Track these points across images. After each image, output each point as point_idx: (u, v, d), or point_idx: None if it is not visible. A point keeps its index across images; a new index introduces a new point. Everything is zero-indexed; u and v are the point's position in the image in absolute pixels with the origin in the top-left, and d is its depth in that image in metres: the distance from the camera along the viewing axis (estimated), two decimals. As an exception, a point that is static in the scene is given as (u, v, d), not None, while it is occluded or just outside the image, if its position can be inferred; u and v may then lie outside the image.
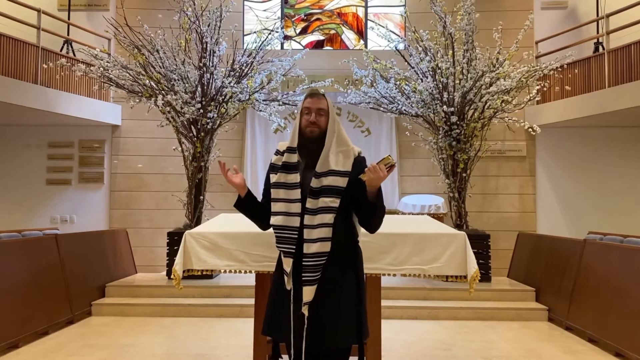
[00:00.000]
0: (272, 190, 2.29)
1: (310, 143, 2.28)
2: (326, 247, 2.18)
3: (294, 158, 2.27)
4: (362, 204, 2.25)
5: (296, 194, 2.23)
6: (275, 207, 2.27)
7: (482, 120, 6.38)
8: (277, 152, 2.37)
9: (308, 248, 2.18)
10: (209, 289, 5.79)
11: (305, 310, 2.17)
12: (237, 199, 2.40)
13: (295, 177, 2.24)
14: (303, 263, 2.18)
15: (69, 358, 4.06)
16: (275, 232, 2.27)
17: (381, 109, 6.90)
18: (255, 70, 6.51)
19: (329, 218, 2.19)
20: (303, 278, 2.18)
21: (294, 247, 2.20)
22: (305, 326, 2.15)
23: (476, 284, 2.79)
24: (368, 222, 2.32)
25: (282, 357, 2.66)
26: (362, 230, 2.44)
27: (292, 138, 2.32)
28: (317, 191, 2.21)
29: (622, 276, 4.33)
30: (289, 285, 2.22)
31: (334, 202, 2.20)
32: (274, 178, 2.30)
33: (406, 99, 6.59)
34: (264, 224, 2.41)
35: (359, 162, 2.31)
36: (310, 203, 2.20)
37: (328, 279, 2.21)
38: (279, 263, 2.33)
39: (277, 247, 2.27)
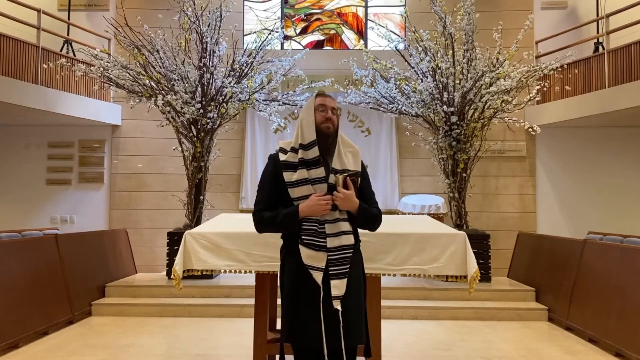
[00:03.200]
0: (294, 189, 2.24)
1: (328, 139, 2.29)
2: (350, 239, 2.24)
3: (313, 153, 2.24)
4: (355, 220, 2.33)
5: (323, 188, 2.23)
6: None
7: (482, 120, 6.38)
8: (285, 151, 2.34)
9: (332, 242, 2.20)
10: (209, 289, 5.79)
11: (337, 305, 2.17)
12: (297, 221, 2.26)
13: (319, 172, 2.24)
14: (328, 257, 2.20)
15: (69, 358, 4.06)
16: (303, 227, 2.22)
17: (381, 109, 6.90)
18: (255, 70, 6.51)
19: (346, 213, 2.26)
20: (330, 272, 2.19)
21: (325, 240, 2.21)
22: (341, 324, 2.16)
23: (476, 284, 2.80)
24: (362, 228, 2.39)
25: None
26: (360, 231, 2.45)
27: (302, 135, 2.28)
28: (335, 187, 2.24)
29: (622, 276, 4.33)
30: (319, 281, 2.20)
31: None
32: (293, 176, 2.25)
33: (406, 99, 6.59)
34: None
35: (363, 164, 2.41)
36: None
37: (349, 275, 2.25)
38: (290, 263, 2.28)
39: (307, 240, 2.20)
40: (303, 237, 2.22)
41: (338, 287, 2.19)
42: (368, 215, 2.29)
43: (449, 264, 2.83)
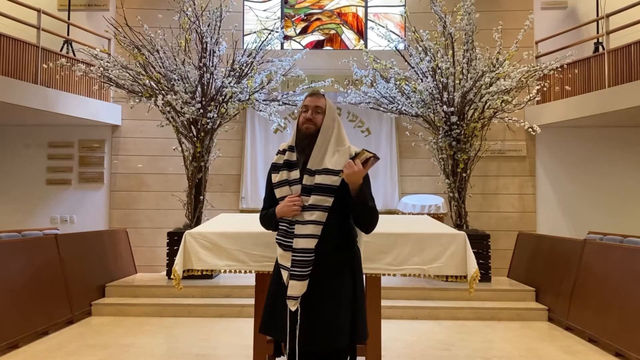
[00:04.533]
0: (276, 190, 2.33)
1: (306, 139, 2.30)
2: (311, 243, 2.21)
3: (294, 156, 2.33)
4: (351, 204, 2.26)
5: (297, 189, 2.27)
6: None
7: (482, 120, 6.38)
8: (278, 152, 2.42)
9: (296, 243, 2.22)
10: (209, 289, 5.79)
11: (291, 305, 2.20)
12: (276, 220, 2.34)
13: (295, 173, 2.30)
14: (292, 258, 2.23)
15: (69, 358, 4.06)
16: (279, 226, 2.32)
17: (381, 109, 6.91)
18: (255, 70, 6.51)
19: (317, 215, 2.21)
20: (290, 272, 2.22)
21: (292, 241, 2.24)
22: (298, 324, 2.17)
23: (476, 284, 2.79)
24: (358, 222, 2.33)
25: (283, 355, 2.66)
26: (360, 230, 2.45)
27: (292, 137, 2.38)
28: (309, 188, 2.24)
29: (622, 276, 4.33)
30: (285, 280, 2.25)
31: (326, 200, 2.22)
32: (276, 177, 2.33)
33: (406, 99, 6.59)
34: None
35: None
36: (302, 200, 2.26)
37: (322, 278, 2.22)
38: (277, 261, 2.36)
39: (278, 239, 2.31)
40: (276, 236, 2.32)
41: (295, 287, 2.20)
42: (365, 201, 2.19)
43: (449, 264, 2.82)
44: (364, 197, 2.20)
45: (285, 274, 2.25)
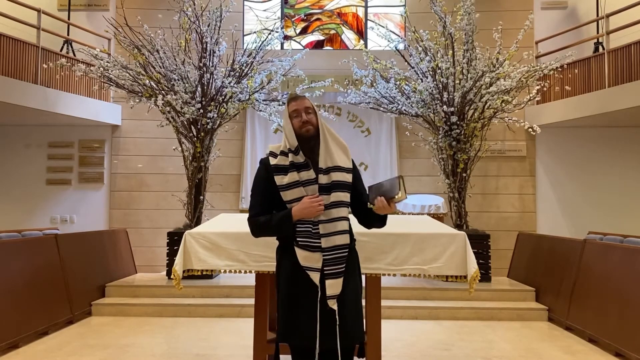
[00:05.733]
0: (286, 192, 2.27)
1: (310, 141, 2.30)
2: (347, 239, 2.26)
3: (301, 157, 2.28)
4: (366, 213, 2.37)
5: (315, 189, 2.26)
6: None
7: (482, 120, 6.38)
8: (275, 155, 2.35)
9: (329, 242, 2.22)
10: (209, 289, 5.79)
11: (332, 304, 2.20)
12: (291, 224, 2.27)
13: (309, 174, 2.26)
14: (324, 257, 2.22)
15: (69, 358, 4.06)
16: (298, 229, 2.25)
17: (381, 109, 6.91)
18: (255, 70, 6.51)
19: (344, 212, 2.26)
20: (325, 272, 2.22)
21: (319, 241, 2.23)
22: (338, 323, 2.19)
23: (476, 284, 2.79)
24: (370, 227, 2.44)
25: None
26: (360, 230, 2.46)
27: (288, 141, 2.31)
28: (328, 187, 2.25)
29: (622, 276, 4.33)
30: (317, 281, 2.23)
31: (346, 196, 2.28)
32: (284, 179, 2.27)
33: (406, 99, 6.59)
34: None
35: (353, 161, 2.42)
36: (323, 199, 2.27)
37: (346, 274, 2.27)
38: (285, 264, 2.31)
39: (302, 242, 2.24)
40: (298, 239, 2.25)
41: (333, 286, 2.21)
42: (386, 216, 2.37)
43: (449, 264, 2.82)
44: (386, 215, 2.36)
45: (316, 276, 2.22)
